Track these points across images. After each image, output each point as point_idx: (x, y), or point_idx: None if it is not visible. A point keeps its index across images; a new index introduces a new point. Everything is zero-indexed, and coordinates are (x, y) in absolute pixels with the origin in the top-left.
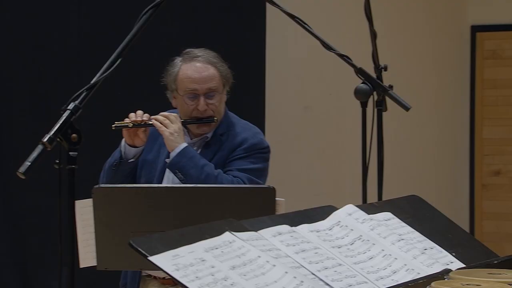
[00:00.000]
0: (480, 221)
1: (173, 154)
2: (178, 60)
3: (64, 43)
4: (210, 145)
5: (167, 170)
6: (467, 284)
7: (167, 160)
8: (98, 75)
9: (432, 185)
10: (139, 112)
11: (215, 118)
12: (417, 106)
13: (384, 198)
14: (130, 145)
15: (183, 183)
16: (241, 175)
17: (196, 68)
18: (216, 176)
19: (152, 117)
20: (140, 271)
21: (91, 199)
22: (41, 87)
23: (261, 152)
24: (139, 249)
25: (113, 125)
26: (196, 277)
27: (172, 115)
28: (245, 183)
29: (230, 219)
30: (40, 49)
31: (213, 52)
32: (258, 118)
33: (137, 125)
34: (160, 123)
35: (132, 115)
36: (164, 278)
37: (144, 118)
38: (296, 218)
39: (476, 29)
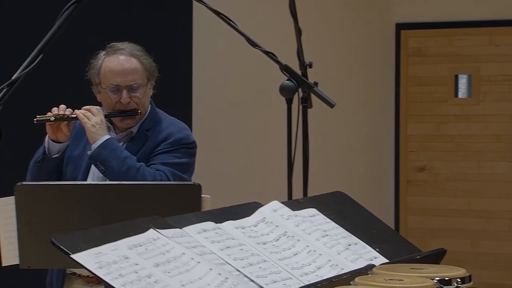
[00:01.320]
0: (405, 217)
1: (94, 146)
2: (101, 53)
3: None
4: (135, 140)
5: (93, 167)
6: (390, 279)
7: (89, 152)
8: (19, 71)
9: (357, 181)
10: (62, 106)
11: (139, 111)
12: (342, 103)
13: (310, 194)
14: (54, 141)
15: (104, 176)
16: (164, 169)
17: (119, 61)
18: (137, 169)
19: (75, 111)
20: (65, 269)
21: (13, 196)
22: None
23: (187, 147)
24: (61, 247)
25: (35, 119)
26: (120, 275)
27: (94, 107)
28: (167, 177)
29: (154, 216)
30: None
31: (138, 45)
32: (185, 114)
33: (59, 118)
34: (82, 115)
35: (54, 109)
36: (88, 276)
37: (67, 112)
38: (221, 215)
39: (400, 27)
